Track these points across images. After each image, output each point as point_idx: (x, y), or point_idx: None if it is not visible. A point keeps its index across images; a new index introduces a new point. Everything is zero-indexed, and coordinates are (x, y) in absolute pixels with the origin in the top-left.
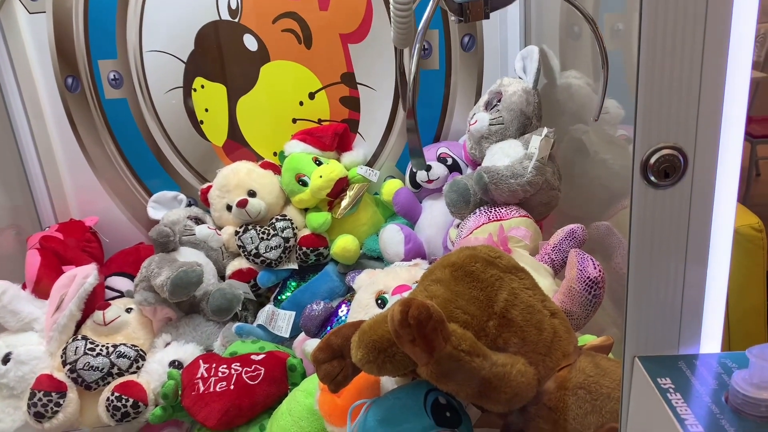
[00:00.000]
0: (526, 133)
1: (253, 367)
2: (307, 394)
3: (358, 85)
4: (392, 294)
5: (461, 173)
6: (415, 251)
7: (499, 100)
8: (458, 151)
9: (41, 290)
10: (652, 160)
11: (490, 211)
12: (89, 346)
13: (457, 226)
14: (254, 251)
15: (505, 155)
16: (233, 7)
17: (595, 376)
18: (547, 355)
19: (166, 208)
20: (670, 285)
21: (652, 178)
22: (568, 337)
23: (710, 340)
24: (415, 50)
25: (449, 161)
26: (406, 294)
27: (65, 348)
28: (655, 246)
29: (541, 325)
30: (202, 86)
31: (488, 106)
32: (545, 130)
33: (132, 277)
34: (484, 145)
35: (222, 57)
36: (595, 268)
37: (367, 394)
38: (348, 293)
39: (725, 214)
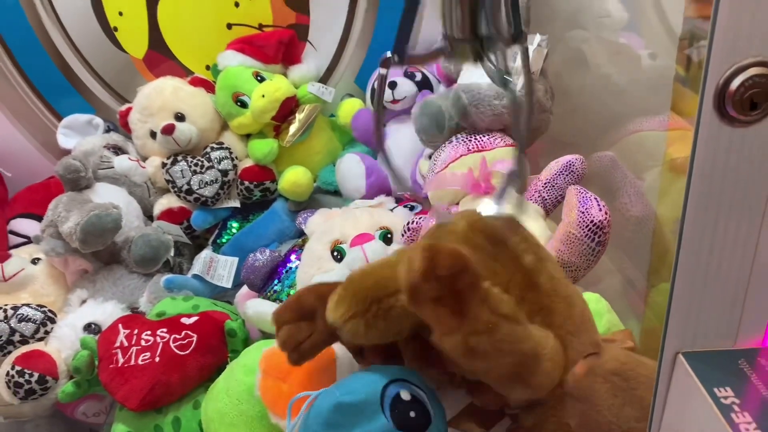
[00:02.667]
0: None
1: (183, 334)
2: (248, 370)
3: None
4: (351, 245)
5: (433, 92)
6: (378, 186)
7: None
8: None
9: None
10: (734, 84)
11: (470, 140)
12: None
13: (429, 156)
14: (186, 187)
15: None
16: None
17: (630, 363)
18: (576, 335)
19: (79, 135)
20: (737, 255)
21: (731, 111)
22: (595, 325)
23: None
24: None
25: (418, 76)
26: (367, 246)
27: None
28: (724, 203)
29: (572, 300)
30: None
31: None
32: (538, 38)
33: (41, 219)
34: None
35: None
36: (600, 210)
37: (318, 380)
38: (301, 236)
39: None
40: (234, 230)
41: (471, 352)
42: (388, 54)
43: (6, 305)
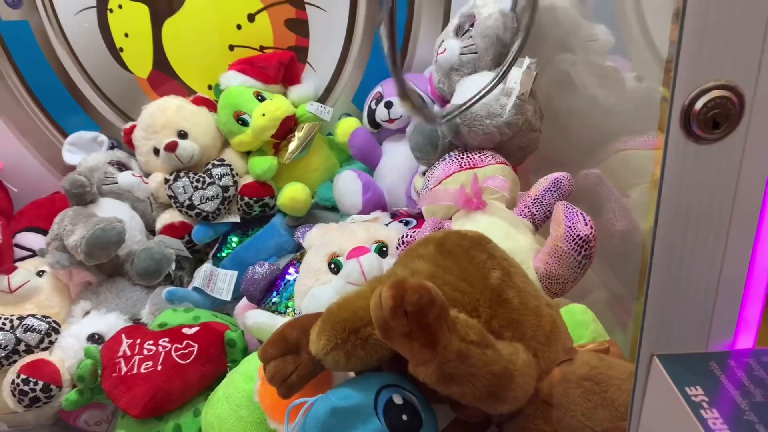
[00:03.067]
0: (502, 63)
1: (184, 344)
2: (247, 378)
3: (306, 5)
4: (347, 258)
5: None
6: (374, 202)
7: (472, 25)
8: (423, 85)
9: None
10: (698, 105)
11: (462, 157)
12: None
13: (423, 173)
14: (187, 202)
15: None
16: None
17: (601, 367)
18: (547, 345)
19: (84, 152)
20: (706, 264)
21: (696, 130)
22: (567, 332)
23: (747, 333)
24: None
25: None
26: (363, 258)
27: None
28: (692, 216)
29: (540, 312)
30: (120, 6)
31: (459, 31)
32: (527, 61)
33: (46, 233)
34: (454, 78)
35: None
36: (586, 225)
37: (316, 386)
38: (299, 250)
39: None
40: (234, 244)
41: (445, 380)
42: None
43: (12, 315)
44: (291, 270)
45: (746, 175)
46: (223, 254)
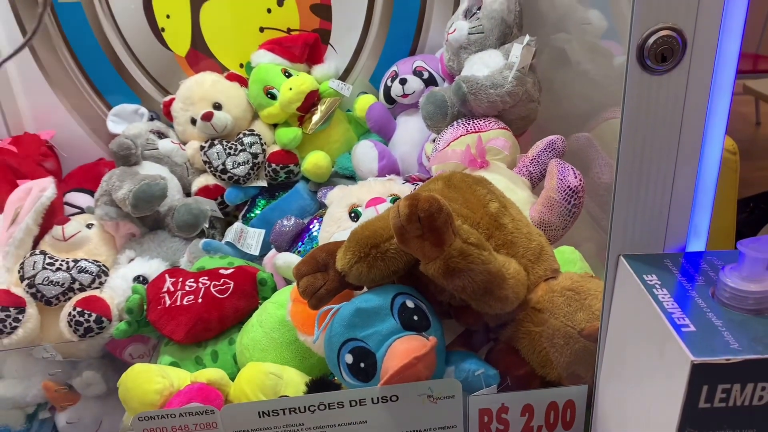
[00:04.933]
0: (506, 43)
1: (221, 281)
2: (279, 305)
3: None
4: (366, 207)
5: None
6: (389, 168)
7: (479, 8)
8: (435, 65)
9: None
10: (650, 42)
11: (468, 123)
12: (48, 260)
13: (433, 141)
14: (221, 167)
15: (485, 65)
16: None
17: (581, 281)
18: (536, 263)
19: (126, 122)
20: (660, 180)
21: (649, 63)
22: (554, 256)
23: (697, 239)
24: None
25: (425, 75)
26: (380, 206)
27: (22, 263)
28: (647, 138)
29: (530, 237)
30: None
31: (467, 14)
32: (527, 38)
33: (92, 194)
34: (463, 55)
35: None
36: (575, 177)
37: (339, 301)
38: (319, 211)
39: (721, 103)
40: (261, 206)
41: (450, 273)
42: None
43: (68, 259)
44: (315, 223)
45: (690, 103)
46: (252, 215)
